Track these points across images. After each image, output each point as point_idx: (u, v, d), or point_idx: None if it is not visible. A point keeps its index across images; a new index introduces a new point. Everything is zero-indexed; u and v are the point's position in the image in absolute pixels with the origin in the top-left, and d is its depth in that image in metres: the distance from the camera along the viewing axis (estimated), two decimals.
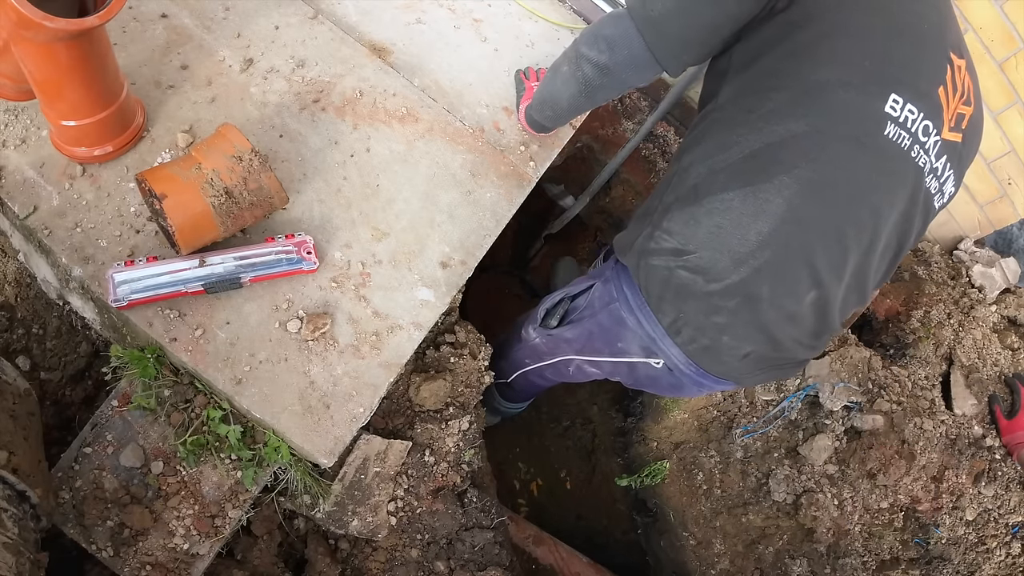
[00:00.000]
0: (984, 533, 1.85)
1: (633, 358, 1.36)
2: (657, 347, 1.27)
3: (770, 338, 1.20)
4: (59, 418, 1.55)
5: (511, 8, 1.91)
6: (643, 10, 1.14)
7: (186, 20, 1.59)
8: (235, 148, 1.26)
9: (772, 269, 1.12)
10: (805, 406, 1.92)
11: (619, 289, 1.31)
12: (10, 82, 1.26)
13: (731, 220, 1.12)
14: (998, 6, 1.73)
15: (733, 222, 1.12)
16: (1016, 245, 2.27)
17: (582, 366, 1.58)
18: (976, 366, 2.03)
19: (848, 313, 1.28)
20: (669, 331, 1.23)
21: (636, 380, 1.45)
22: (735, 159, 1.11)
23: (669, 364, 1.29)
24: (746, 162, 1.11)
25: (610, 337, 1.37)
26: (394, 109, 1.65)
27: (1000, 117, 1.95)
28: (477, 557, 1.60)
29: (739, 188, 1.10)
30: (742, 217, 1.11)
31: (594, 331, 1.41)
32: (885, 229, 1.15)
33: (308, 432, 1.33)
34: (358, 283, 1.46)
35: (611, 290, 1.34)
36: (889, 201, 1.12)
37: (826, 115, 1.06)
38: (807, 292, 1.16)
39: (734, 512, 1.97)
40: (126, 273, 1.27)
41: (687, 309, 1.20)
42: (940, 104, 1.11)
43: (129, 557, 1.30)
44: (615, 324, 1.34)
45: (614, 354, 1.39)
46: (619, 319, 1.32)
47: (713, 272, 1.14)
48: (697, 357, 1.24)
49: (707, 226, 1.14)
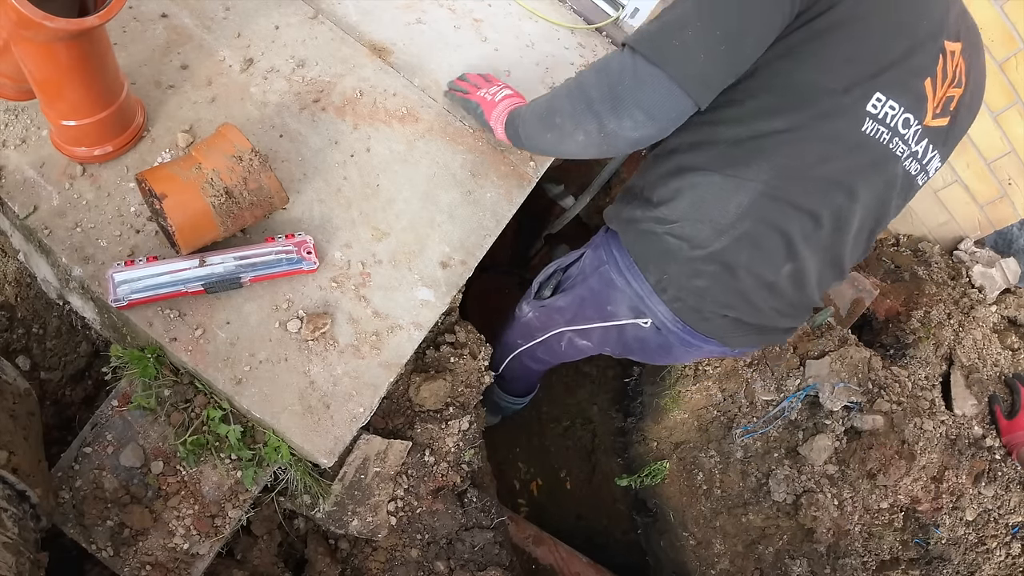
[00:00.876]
0: (984, 533, 1.85)
1: (622, 320, 1.40)
2: (645, 306, 1.32)
3: (749, 304, 1.27)
4: (59, 418, 1.55)
5: (511, 8, 1.91)
6: (684, 68, 1.03)
7: (186, 20, 1.59)
8: (235, 148, 1.26)
9: (750, 239, 1.19)
10: (805, 406, 1.92)
11: (608, 252, 1.37)
12: (10, 82, 1.26)
13: (712, 194, 1.18)
14: (998, 6, 1.74)
15: (714, 195, 1.18)
16: (1016, 245, 2.27)
17: (573, 339, 1.61)
18: (976, 366, 2.03)
19: (827, 287, 1.35)
20: (656, 289, 1.29)
21: (625, 345, 1.49)
22: (719, 142, 1.17)
23: (657, 323, 1.34)
24: (729, 147, 1.16)
25: (600, 300, 1.42)
26: (394, 109, 1.65)
27: (1000, 117, 1.95)
28: (477, 557, 1.60)
29: (721, 168, 1.17)
30: (722, 192, 1.17)
31: (585, 296, 1.46)
32: (859, 211, 1.22)
33: (308, 432, 1.33)
34: (358, 283, 1.46)
35: (600, 254, 1.39)
36: (864, 187, 1.19)
37: (808, 117, 1.12)
38: (783, 264, 1.23)
39: (734, 512, 1.97)
40: (126, 273, 1.27)
41: (671, 271, 1.26)
42: (925, 95, 1.16)
43: (129, 557, 1.30)
44: (605, 286, 1.39)
45: (604, 318, 1.43)
46: (608, 281, 1.37)
47: (696, 240, 1.21)
48: (683, 315, 1.30)
49: (690, 198, 1.21)
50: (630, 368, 2.43)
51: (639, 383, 2.32)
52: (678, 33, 1.02)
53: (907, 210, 2.31)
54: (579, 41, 1.93)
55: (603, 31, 1.97)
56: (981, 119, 1.97)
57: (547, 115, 1.24)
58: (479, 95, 1.57)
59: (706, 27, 1.01)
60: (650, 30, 1.07)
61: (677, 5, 1.06)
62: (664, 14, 1.08)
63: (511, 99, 1.53)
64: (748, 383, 1.95)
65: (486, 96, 1.55)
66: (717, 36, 1.02)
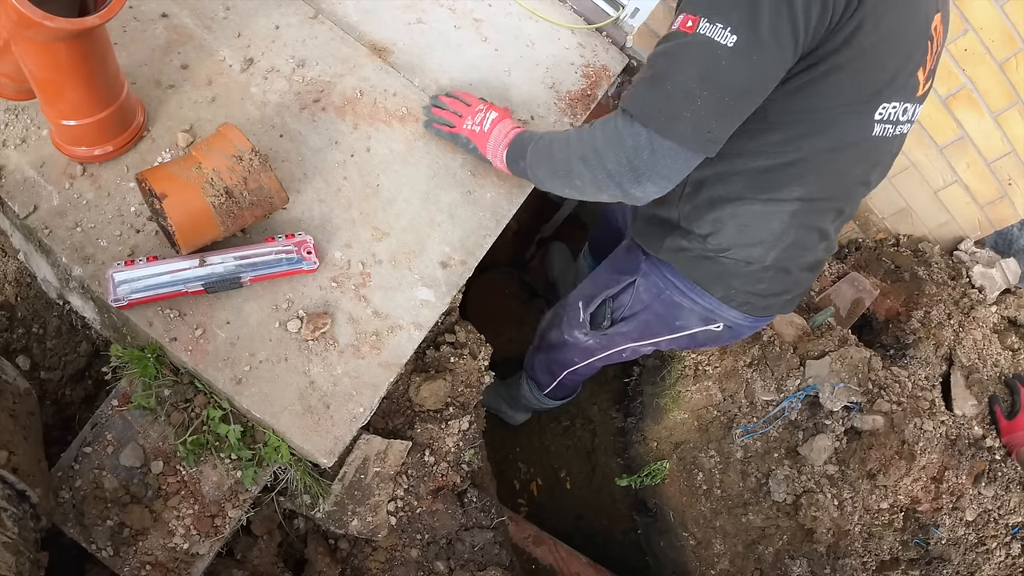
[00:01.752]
0: (984, 534, 1.85)
1: (694, 329, 1.50)
2: (716, 315, 1.43)
3: (802, 284, 1.46)
4: (59, 418, 1.55)
5: (511, 8, 1.91)
6: (699, 137, 1.06)
7: (186, 20, 1.59)
8: (235, 148, 1.26)
9: (795, 244, 1.32)
10: (805, 406, 1.92)
11: (664, 279, 1.44)
12: (10, 81, 1.26)
13: (754, 220, 1.28)
14: (998, 6, 1.74)
15: (756, 221, 1.28)
16: (1016, 246, 2.27)
17: (638, 349, 1.69)
18: (976, 367, 2.03)
19: None
20: (723, 300, 1.39)
21: (696, 343, 1.59)
22: (747, 172, 1.22)
23: (728, 324, 1.46)
24: (759, 175, 1.22)
25: (668, 320, 1.50)
26: (394, 109, 1.65)
27: (1000, 118, 1.95)
28: (477, 557, 1.60)
29: (755, 195, 1.25)
30: (763, 217, 1.27)
31: (650, 320, 1.53)
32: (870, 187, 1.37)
33: (308, 432, 1.33)
34: (358, 283, 1.46)
35: (656, 282, 1.45)
36: (876, 174, 1.32)
37: (828, 140, 1.19)
38: (820, 246, 1.39)
39: (734, 512, 1.97)
40: (126, 273, 1.27)
41: (735, 284, 1.37)
42: (918, 83, 1.22)
43: (129, 557, 1.30)
44: (670, 309, 1.47)
45: (674, 331, 1.53)
46: (673, 304, 1.45)
47: (751, 258, 1.33)
48: (753, 312, 1.43)
49: (734, 227, 1.29)
50: (630, 368, 2.42)
51: (639, 383, 2.32)
52: (687, 105, 1.03)
53: (907, 210, 2.31)
54: (579, 41, 1.93)
55: (603, 31, 1.97)
56: (981, 119, 1.97)
57: (566, 175, 1.26)
58: (466, 128, 1.53)
59: (713, 95, 1.03)
60: (657, 101, 1.06)
61: (675, 69, 1.04)
62: (665, 79, 1.05)
63: (499, 123, 1.49)
64: (748, 383, 1.95)
65: (474, 128, 1.51)
66: (725, 101, 1.04)
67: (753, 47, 0.99)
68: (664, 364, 2.12)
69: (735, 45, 0.98)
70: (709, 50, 0.99)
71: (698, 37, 1.00)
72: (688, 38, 1.01)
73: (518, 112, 1.75)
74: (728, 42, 0.98)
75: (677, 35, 1.03)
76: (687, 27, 1.01)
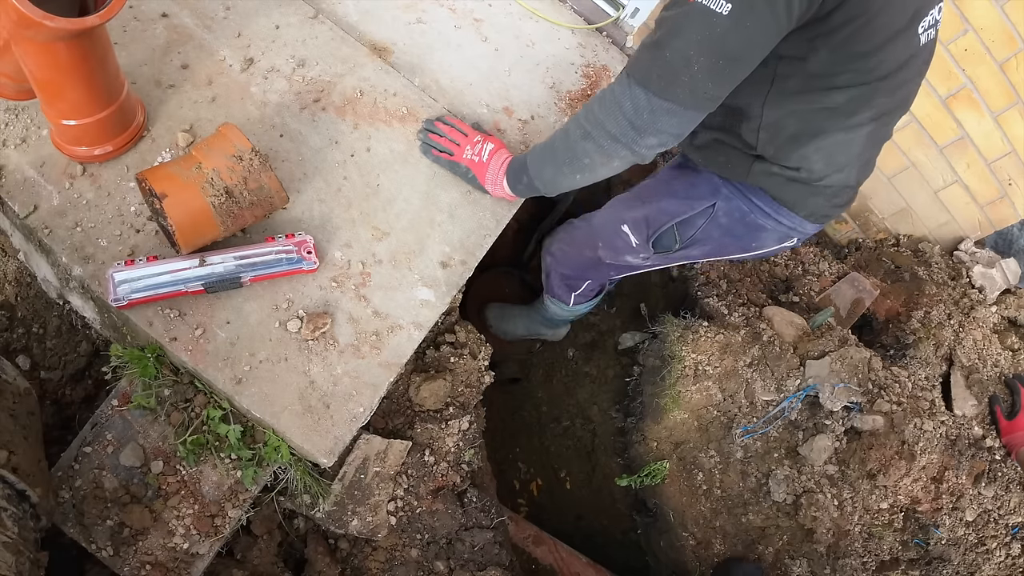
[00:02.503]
0: (984, 534, 1.85)
1: (767, 248, 1.60)
2: (796, 232, 1.53)
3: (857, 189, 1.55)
4: (59, 417, 1.55)
5: (511, 8, 1.91)
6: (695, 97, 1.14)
7: (186, 19, 1.59)
8: (235, 147, 1.26)
9: (869, 160, 1.44)
10: (805, 406, 1.92)
11: (748, 202, 1.49)
12: (10, 81, 1.26)
13: (838, 148, 1.36)
14: (999, 6, 1.73)
15: (840, 149, 1.36)
16: (1016, 246, 2.27)
17: (698, 260, 1.83)
18: (976, 367, 2.03)
19: None
20: (806, 218, 1.49)
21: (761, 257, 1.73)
22: (823, 109, 1.30)
23: (801, 238, 1.57)
24: (834, 110, 1.30)
25: (745, 241, 1.58)
26: (394, 109, 1.65)
27: (1000, 118, 1.95)
28: (477, 557, 1.60)
29: (836, 127, 1.33)
30: (845, 143, 1.35)
31: (726, 242, 1.60)
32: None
33: (308, 432, 1.33)
34: (358, 283, 1.46)
35: (739, 205, 1.50)
36: (926, 67, 1.37)
37: (887, 66, 1.25)
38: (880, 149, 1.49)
39: (734, 512, 1.96)
40: (126, 272, 1.27)
41: (820, 203, 1.47)
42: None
43: (129, 556, 1.30)
44: (751, 230, 1.54)
45: (746, 250, 1.62)
46: (756, 226, 1.52)
47: (839, 181, 1.42)
48: (822, 221, 1.54)
49: (822, 158, 1.37)
50: (630, 368, 2.42)
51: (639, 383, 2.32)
52: (685, 70, 1.11)
53: (907, 210, 2.32)
54: (579, 41, 1.93)
55: (603, 31, 1.97)
56: (981, 119, 1.97)
57: (571, 160, 1.33)
58: (465, 158, 1.57)
59: (710, 60, 1.10)
60: (656, 65, 1.13)
61: (674, 35, 1.11)
62: (666, 45, 1.11)
63: (496, 153, 1.54)
64: (748, 383, 1.95)
65: (473, 159, 1.56)
66: (720, 64, 1.11)
67: (747, 14, 1.05)
68: (664, 364, 2.11)
69: (730, 13, 1.05)
70: (706, 18, 1.06)
71: (696, 6, 1.06)
72: (687, 7, 1.08)
73: (518, 112, 1.76)
74: (723, 10, 1.05)
75: (678, 3, 1.10)
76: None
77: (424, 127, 1.63)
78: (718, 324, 2.04)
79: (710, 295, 2.18)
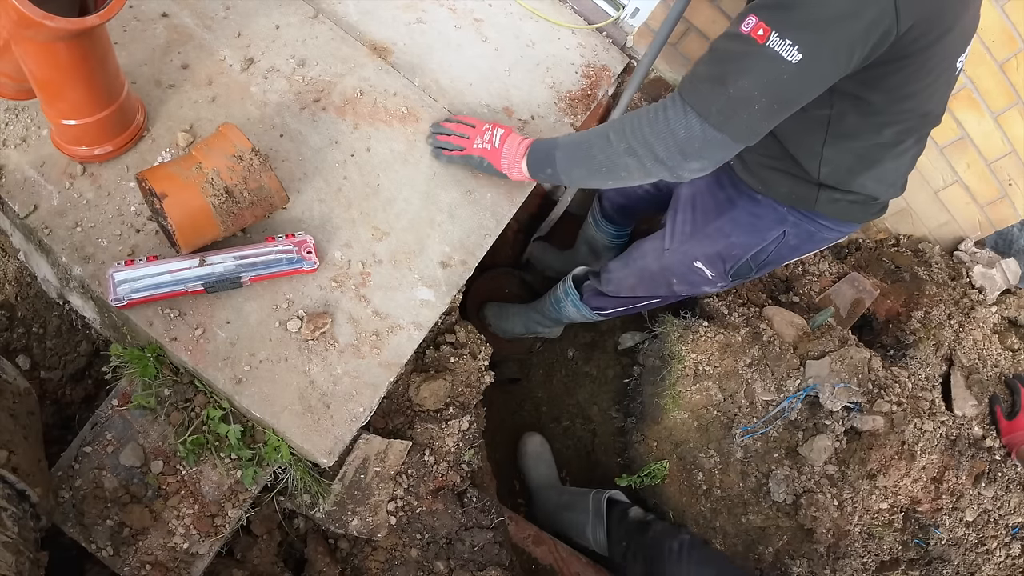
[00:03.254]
0: (984, 534, 1.85)
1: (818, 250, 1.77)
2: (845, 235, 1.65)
3: None
4: (59, 417, 1.55)
5: (512, 8, 1.91)
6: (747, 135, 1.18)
7: (187, 19, 1.59)
8: (235, 147, 1.26)
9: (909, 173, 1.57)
10: (805, 406, 1.92)
11: (815, 223, 1.57)
12: (10, 81, 1.26)
13: (888, 173, 1.48)
14: (999, 7, 1.73)
15: (890, 173, 1.48)
16: (1016, 246, 2.27)
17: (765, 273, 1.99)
18: (976, 367, 2.03)
19: None
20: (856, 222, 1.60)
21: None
22: (876, 144, 1.40)
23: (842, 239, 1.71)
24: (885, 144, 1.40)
25: (807, 251, 1.70)
26: (395, 108, 1.65)
27: (1001, 118, 1.95)
28: (477, 557, 1.60)
29: (891, 155, 1.43)
30: (895, 168, 1.48)
31: (793, 255, 1.70)
32: None
33: (308, 432, 1.33)
34: (358, 283, 1.46)
35: (807, 228, 1.59)
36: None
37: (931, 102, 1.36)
38: None
39: (734, 512, 1.96)
40: (126, 272, 1.27)
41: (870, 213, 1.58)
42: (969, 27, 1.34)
43: (129, 556, 1.30)
44: (816, 243, 1.64)
45: (805, 254, 1.74)
46: (821, 240, 1.62)
47: (887, 196, 1.54)
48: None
49: (876, 184, 1.48)
50: (630, 368, 2.42)
51: (639, 383, 2.32)
52: (744, 109, 1.14)
53: (907, 210, 2.31)
54: (579, 41, 1.93)
55: (603, 31, 1.97)
56: (982, 119, 1.97)
57: (609, 170, 1.35)
58: (476, 148, 1.57)
59: (770, 102, 1.14)
60: (717, 99, 1.15)
61: (740, 73, 1.12)
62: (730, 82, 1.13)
63: (507, 137, 1.54)
64: (748, 383, 1.95)
65: (485, 147, 1.56)
66: (775, 107, 1.15)
67: (813, 66, 1.09)
68: (664, 364, 2.11)
69: (799, 63, 1.08)
70: (775, 64, 1.09)
71: (767, 50, 1.08)
72: (757, 48, 1.09)
73: (518, 112, 1.76)
74: (793, 59, 1.07)
75: (747, 40, 1.10)
76: (758, 35, 1.09)
77: (431, 131, 1.63)
78: (718, 324, 2.04)
79: (710, 295, 2.18)
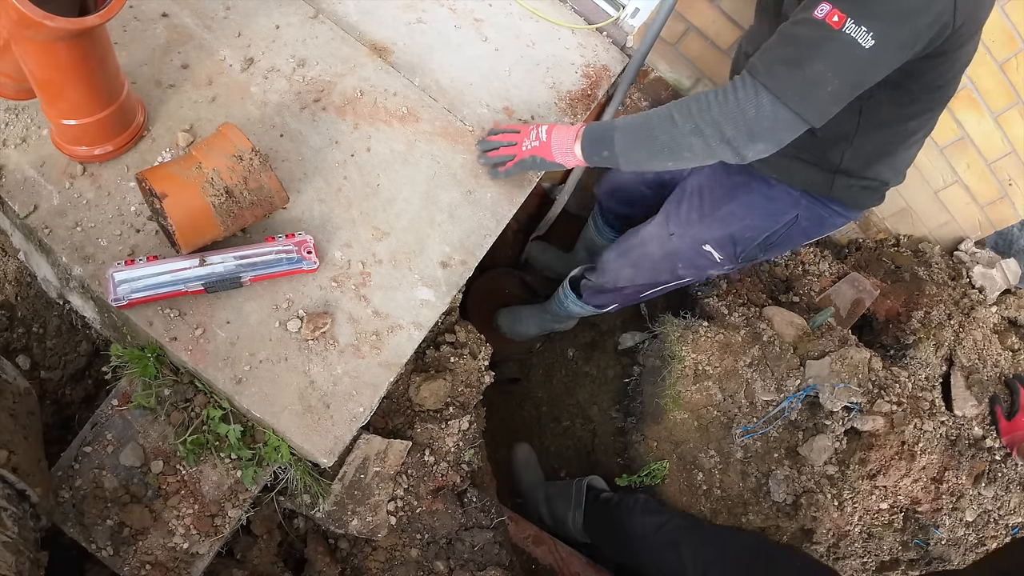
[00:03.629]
0: (984, 534, 1.85)
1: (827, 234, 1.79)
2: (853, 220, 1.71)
3: None
4: (59, 417, 1.55)
5: (512, 8, 1.91)
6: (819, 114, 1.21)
7: (187, 19, 1.59)
8: (235, 147, 1.26)
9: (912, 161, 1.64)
10: (805, 407, 1.92)
11: (827, 208, 1.62)
12: (10, 81, 1.26)
13: (902, 161, 1.56)
14: (999, 7, 1.73)
15: (904, 161, 1.57)
16: (1016, 246, 2.27)
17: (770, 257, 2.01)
18: (976, 367, 2.03)
19: None
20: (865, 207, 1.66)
21: None
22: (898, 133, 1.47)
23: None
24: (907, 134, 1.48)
25: (814, 236, 1.73)
26: (395, 108, 1.65)
27: (1001, 118, 1.95)
28: (477, 557, 1.60)
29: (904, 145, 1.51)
30: (907, 156, 1.56)
31: (800, 239, 1.75)
32: None
33: (308, 431, 1.33)
34: (358, 282, 1.46)
35: (819, 212, 1.63)
36: None
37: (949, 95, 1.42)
38: None
39: (734, 512, 1.96)
40: (126, 272, 1.27)
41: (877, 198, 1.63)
42: None
43: (129, 556, 1.30)
44: (825, 228, 1.68)
45: (812, 239, 1.77)
46: (831, 224, 1.67)
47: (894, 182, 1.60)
48: None
49: (889, 171, 1.56)
50: (630, 368, 2.42)
51: (639, 383, 2.32)
52: (818, 90, 1.18)
53: (907, 210, 2.31)
54: (580, 41, 1.93)
55: (603, 31, 1.97)
56: (981, 120, 1.97)
57: (672, 151, 1.35)
58: (527, 149, 1.55)
59: (841, 84, 1.18)
60: (793, 80, 1.18)
61: (815, 57, 1.16)
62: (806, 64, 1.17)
63: (554, 129, 1.51)
64: (748, 383, 1.95)
65: (534, 144, 1.54)
66: (846, 89, 1.19)
67: (883, 52, 1.14)
68: (664, 364, 2.11)
69: (872, 48, 1.12)
70: (851, 49, 1.13)
71: (843, 35, 1.12)
72: (833, 33, 1.13)
73: (518, 112, 1.76)
74: (867, 44, 1.12)
75: (822, 26, 1.14)
76: (833, 21, 1.13)
77: (480, 150, 1.63)
78: (718, 324, 2.04)
79: (710, 295, 2.18)
